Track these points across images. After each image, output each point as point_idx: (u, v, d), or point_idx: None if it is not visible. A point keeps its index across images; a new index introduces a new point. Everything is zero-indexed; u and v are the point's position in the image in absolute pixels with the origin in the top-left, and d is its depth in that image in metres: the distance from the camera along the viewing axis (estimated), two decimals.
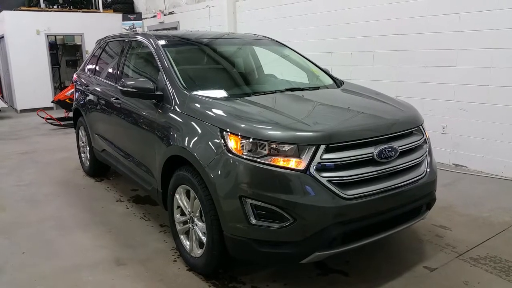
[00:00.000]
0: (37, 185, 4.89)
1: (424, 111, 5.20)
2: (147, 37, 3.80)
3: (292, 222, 2.33)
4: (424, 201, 2.83)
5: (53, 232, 3.61)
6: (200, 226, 2.77)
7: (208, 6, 9.22)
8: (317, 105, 3.07)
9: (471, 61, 4.88)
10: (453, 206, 3.95)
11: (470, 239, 3.28)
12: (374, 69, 5.95)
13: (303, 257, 2.42)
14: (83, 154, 5.30)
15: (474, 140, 5.01)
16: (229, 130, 2.52)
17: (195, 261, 2.84)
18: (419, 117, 3.03)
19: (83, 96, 4.94)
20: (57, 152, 6.45)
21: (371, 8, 5.85)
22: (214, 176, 2.51)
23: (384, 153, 2.53)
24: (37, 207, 4.21)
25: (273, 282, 2.76)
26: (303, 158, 2.37)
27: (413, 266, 2.92)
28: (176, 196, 2.98)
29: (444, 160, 5.27)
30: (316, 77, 3.93)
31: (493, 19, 4.61)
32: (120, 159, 4.07)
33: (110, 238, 3.46)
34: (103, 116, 4.34)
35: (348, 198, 2.39)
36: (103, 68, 4.74)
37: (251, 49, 4.36)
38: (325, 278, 2.80)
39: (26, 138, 7.69)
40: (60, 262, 3.09)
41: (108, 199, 4.36)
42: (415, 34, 5.39)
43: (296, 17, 7.11)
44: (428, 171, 2.84)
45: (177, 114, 2.99)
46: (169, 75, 3.24)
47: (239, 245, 2.49)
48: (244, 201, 2.39)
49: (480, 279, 2.75)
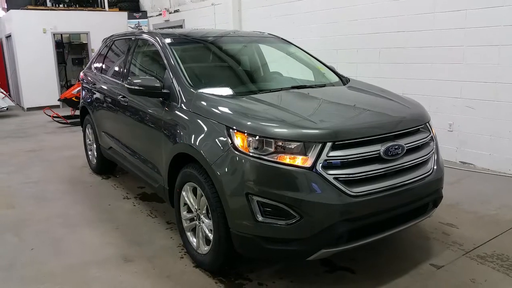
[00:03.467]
0: (44, 183, 4.93)
1: (431, 109, 5.18)
2: (153, 35, 3.82)
3: (299, 220, 2.34)
4: (431, 198, 2.83)
5: (61, 229, 3.64)
6: (207, 223, 2.79)
7: (213, 4, 9.23)
8: (323, 103, 3.07)
9: (478, 58, 4.85)
10: (460, 203, 3.94)
11: (477, 237, 3.27)
12: (380, 66, 5.93)
13: (309, 254, 2.43)
14: (90, 151, 5.34)
15: (481, 137, 4.98)
16: (236, 127, 2.53)
17: (202, 258, 2.86)
18: (426, 114, 3.02)
19: (90, 94, 4.97)
20: (64, 150, 6.49)
21: (377, 5, 5.83)
22: (220, 174, 2.52)
23: (390, 150, 2.53)
24: (45, 204, 4.25)
25: (279, 279, 2.77)
26: (310, 156, 2.38)
27: (420, 263, 2.91)
28: (183, 194, 3.00)
29: (451, 158, 5.24)
30: (322, 75, 3.92)
31: (500, 15, 4.58)
32: (127, 157, 4.09)
33: (117, 235, 3.49)
34: (110, 114, 4.37)
35: (354, 196, 2.39)
36: (109, 66, 4.76)
37: (257, 47, 4.36)
38: (331, 275, 2.81)
39: (33, 136, 7.75)
40: (68, 259, 3.12)
41: (115, 197, 4.39)
42: (421, 31, 5.36)
43: (301, 14, 7.09)
44: (435, 168, 2.83)
45: (183, 112, 3.01)
46: (175, 73, 3.26)
47: (245, 242, 2.50)
48: (250, 198, 2.40)
49: (487, 277, 2.74)
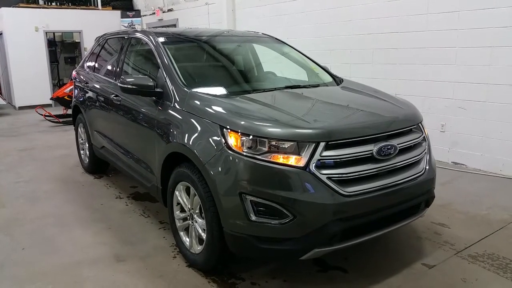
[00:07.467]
0: (36, 182, 4.89)
1: (423, 109, 5.22)
2: (146, 34, 3.80)
3: (292, 219, 2.34)
4: (423, 198, 2.85)
5: (53, 228, 3.61)
6: (200, 223, 2.78)
7: (207, 4, 9.21)
8: (317, 103, 3.08)
9: (470, 59, 4.89)
10: (451, 203, 3.97)
11: (468, 237, 3.30)
12: (374, 67, 5.96)
13: (302, 254, 2.44)
14: (82, 151, 5.30)
15: (473, 138, 5.02)
16: (229, 127, 2.53)
17: (195, 258, 2.86)
18: (418, 115, 3.04)
19: (83, 93, 4.94)
20: (56, 149, 6.44)
21: (371, 6, 5.85)
22: (214, 173, 2.52)
23: (383, 150, 2.54)
24: (36, 204, 4.22)
25: (272, 278, 2.77)
26: (303, 155, 2.38)
27: (412, 263, 2.93)
28: (176, 193, 2.99)
29: (443, 158, 5.28)
30: (316, 75, 3.93)
31: (493, 17, 4.62)
32: (119, 156, 4.07)
33: (109, 234, 3.47)
34: (103, 113, 4.34)
35: (347, 195, 2.40)
36: (102, 65, 4.73)
37: (251, 47, 4.36)
38: (324, 275, 2.82)
39: (25, 135, 7.69)
40: (60, 258, 3.10)
41: (107, 196, 4.37)
42: (414, 32, 5.40)
43: (295, 14, 7.11)
44: (427, 168, 2.85)
45: (177, 111, 3.00)
46: (169, 72, 3.25)
47: (238, 242, 2.50)
48: (244, 197, 2.40)
49: (478, 276, 2.77)
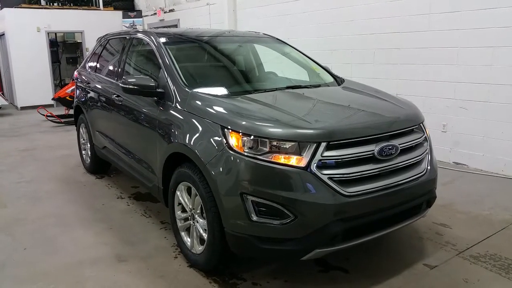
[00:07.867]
0: (38, 182, 4.90)
1: (425, 109, 5.20)
2: (148, 34, 3.81)
3: (293, 219, 2.34)
4: (425, 198, 2.84)
5: (54, 228, 3.62)
6: (201, 223, 2.78)
7: (208, 4, 9.22)
8: (318, 103, 3.08)
9: (472, 59, 4.88)
10: (453, 204, 3.97)
11: (470, 237, 3.29)
12: (375, 67, 5.95)
13: (303, 254, 2.43)
14: (84, 151, 5.31)
15: (474, 138, 5.01)
16: (231, 127, 2.53)
17: (196, 258, 2.86)
18: (420, 115, 3.04)
19: (84, 94, 4.94)
20: (57, 149, 6.45)
21: (373, 6, 5.85)
22: (215, 173, 2.52)
23: (384, 150, 2.54)
24: (38, 204, 4.23)
25: (273, 279, 2.77)
26: (304, 156, 2.38)
27: (413, 263, 2.93)
28: (177, 193, 2.99)
29: (445, 159, 5.27)
30: (317, 75, 3.93)
31: (494, 17, 4.61)
32: (121, 156, 4.07)
33: (111, 234, 3.47)
34: (104, 113, 4.35)
35: (348, 196, 2.39)
36: (104, 65, 4.74)
37: (252, 47, 4.36)
38: (325, 275, 2.82)
39: (27, 135, 7.70)
40: (62, 258, 3.10)
41: (109, 196, 4.37)
42: (416, 32, 5.39)
43: (296, 14, 7.10)
44: (429, 169, 2.85)
45: (178, 111, 3.00)
46: (170, 72, 3.25)
47: (240, 242, 2.50)
48: (245, 198, 2.40)
49: (480, 277, 2.76)
